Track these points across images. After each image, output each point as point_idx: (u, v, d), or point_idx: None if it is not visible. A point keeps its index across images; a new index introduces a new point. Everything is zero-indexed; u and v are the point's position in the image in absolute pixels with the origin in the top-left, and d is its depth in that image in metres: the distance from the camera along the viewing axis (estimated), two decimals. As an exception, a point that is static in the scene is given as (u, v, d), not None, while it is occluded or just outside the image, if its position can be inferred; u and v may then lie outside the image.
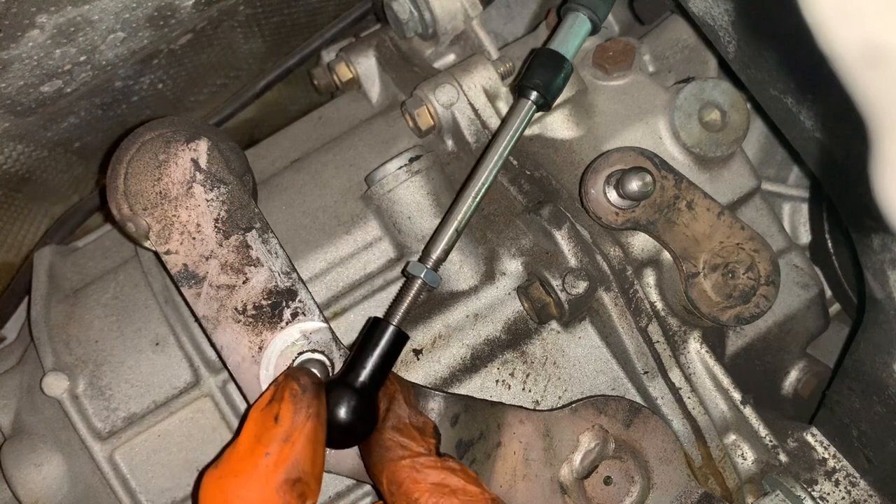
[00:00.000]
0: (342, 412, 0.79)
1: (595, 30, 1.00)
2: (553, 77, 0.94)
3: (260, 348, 0.85)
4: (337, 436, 0.79)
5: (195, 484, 0.89)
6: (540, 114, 1.01)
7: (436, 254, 0.88)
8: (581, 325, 0.96)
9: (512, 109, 0.95)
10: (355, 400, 0.79)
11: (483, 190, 0.91)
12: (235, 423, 0.93)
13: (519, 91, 0.95)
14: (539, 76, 0.94)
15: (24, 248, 1.25)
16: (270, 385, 0.79)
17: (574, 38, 0.98)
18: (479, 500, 0.75)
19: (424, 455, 0.78)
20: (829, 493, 0.96)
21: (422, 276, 0.87)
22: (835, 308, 1.18)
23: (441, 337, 0.94)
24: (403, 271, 0.94)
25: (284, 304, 0.85)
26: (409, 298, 0.86)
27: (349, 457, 0.85)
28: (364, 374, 0.81)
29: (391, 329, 0.83)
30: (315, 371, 0.82)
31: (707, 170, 1.01)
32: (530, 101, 0.94)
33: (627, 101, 1.04)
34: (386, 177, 0.96)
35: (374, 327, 0.83)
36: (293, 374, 0.78)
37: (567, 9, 0.99)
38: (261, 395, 0.78)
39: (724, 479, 0.96)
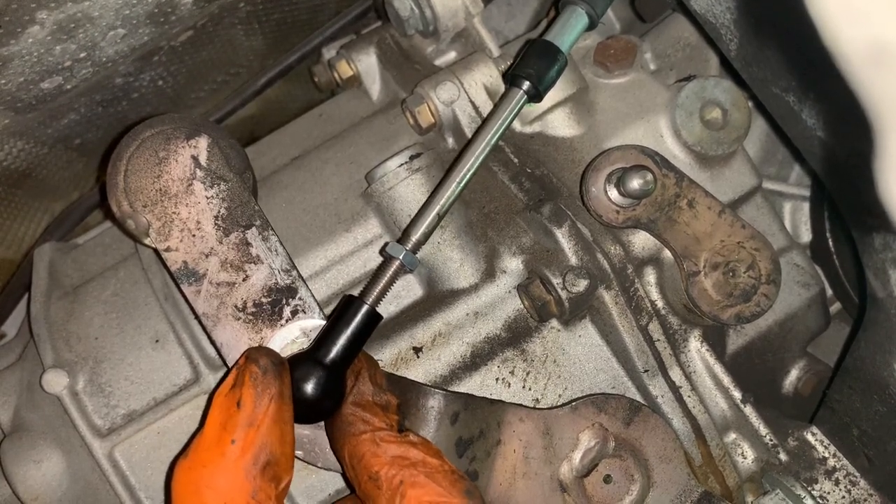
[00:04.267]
0: (309, 388, 0.78)
1: (592, 25, 0.99)
2: (546, 68, 0.93)
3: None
4: (304, 411, 0.79)
5: (167, 475, 0.89)
6: (540, 110, 1.01)
7: (416, 236, 0.87)
8: (581, 323, 0.96)
9: (502, 98, 0.94)
10: (323, 376, 0.79)
11: (467, 176, 0.89)
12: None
13: (510, 80, 0.94)
14: (532, 66, 0.93)
15: (24, 244, 1.25)
16: (232, 368, 0.79)
17: (570, 31, 0.97)
18: (439, 472, 0.75)
19: (385, 430, 0.77)
20: (829, 493, 0.96)
21: (400, 257, 0.86)
22: (835, 307, 1.18)
23: (441, 335, 0.94)
24: (382, 251, 0.94)
25: (284, 301, 0.85)
26: (386, 279, 0.85)
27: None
28: (334, 351, 0.80)
29: (365, 308, 0.82)
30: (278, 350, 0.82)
31: (708, 168, 1.01)
32: (521, 91, 0.93)
33: (629, 99, 1.03)
34: (386, 174, 0.95)
35: (347, 305, 0.83)
36: (253, 355, 0.77)
37: (565, 2, 0.99)
38: (222, 380, 0.78)
39: (724, 477, 0.96)
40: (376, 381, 0.82)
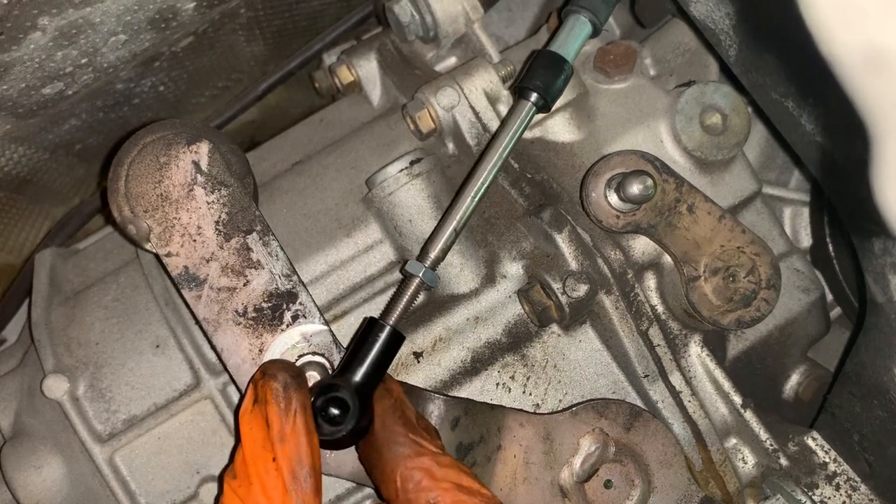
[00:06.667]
0: (339, 414, 0.79)
1: (596, 32, 1.00)
2: (553, 79, 0.94)
3: (260, 351, 0.85)
4: (337, 438, 0.79)
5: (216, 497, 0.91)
6: (541, 116, 1.01)
7: (434, 253, 0.88)
8: (582, 328, 0.96)
9: (512, 110, 0.95)
10: (351, 402, 0.79)
11: (482, 190, 0.90)
12: (236, 425, 0.93)
13: (519, 92, 0.95)
14: (539, 77, 0.93)
15: (25, 250, 1.26)
16: (249, 383, 0.80)
17: (575, 40, 0.98)
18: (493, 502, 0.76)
19: (440, 454, 0.78)
20: (829, 498, 0.96)
21: (420, 274, 0.86)
22: (836, 312, 1.18)
23: (441, 340, 0.94)
24: (401, 270, 0.94)
25: (285, 306, 0.85)
26: (407, 298, 0.86)
27: (349, 460, 0.85)
28: (359, 375, 0.81)
29: (387, 329, 0.83)
30: (294, 362, 0.83)
31: (708, 173, 1.01)
32: (530, 103, 0.94)
33: (629, 104, 1.04)
34: (387, 180, 0.96)
35: (370, 327, 0.83)
36: (269, 371, 0.79)
37: (568, 11, 0.99)
38: (243, 396, 0.79)
39: (725, 482, 0.96)
40: (414, 409, 0.83)
